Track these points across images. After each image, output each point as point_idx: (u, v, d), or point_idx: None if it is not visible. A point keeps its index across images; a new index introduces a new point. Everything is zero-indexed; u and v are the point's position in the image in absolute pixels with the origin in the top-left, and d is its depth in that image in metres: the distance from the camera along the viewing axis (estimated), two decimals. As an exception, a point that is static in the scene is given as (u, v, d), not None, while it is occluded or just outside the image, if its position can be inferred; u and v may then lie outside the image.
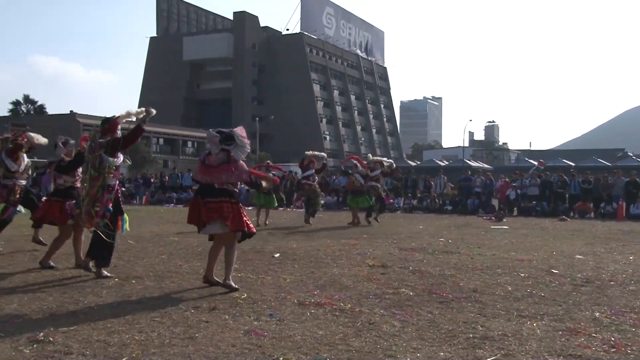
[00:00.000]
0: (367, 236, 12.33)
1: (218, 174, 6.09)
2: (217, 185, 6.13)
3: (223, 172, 6.07)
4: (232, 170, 6.07)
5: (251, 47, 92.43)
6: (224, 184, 6.13)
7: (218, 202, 6.07)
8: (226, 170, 6.06)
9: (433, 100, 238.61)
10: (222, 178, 6.10)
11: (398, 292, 6.13)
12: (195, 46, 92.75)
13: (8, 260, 7.99)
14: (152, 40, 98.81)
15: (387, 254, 9.35)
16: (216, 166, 6.08)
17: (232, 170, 6.07)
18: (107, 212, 6.70)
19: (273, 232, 13.06)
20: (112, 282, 6.51)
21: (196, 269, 7.47)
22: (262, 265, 7.94)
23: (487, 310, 5.40)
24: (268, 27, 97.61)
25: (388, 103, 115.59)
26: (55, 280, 6.63)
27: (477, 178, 24.40)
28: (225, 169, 6.06)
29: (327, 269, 7.66)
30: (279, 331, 4.55)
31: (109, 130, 6.77)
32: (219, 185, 6.13)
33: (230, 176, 6.10)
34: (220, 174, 6.08)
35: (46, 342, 4.16)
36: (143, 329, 4.54)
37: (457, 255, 9.33)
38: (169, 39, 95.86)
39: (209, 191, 6.16)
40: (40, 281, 6.53)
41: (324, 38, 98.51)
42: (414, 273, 7.42)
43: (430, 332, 4.61)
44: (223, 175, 6.09)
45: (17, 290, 5.98)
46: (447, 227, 15.41)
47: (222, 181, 6.11)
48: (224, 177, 6.10)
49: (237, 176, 6.14)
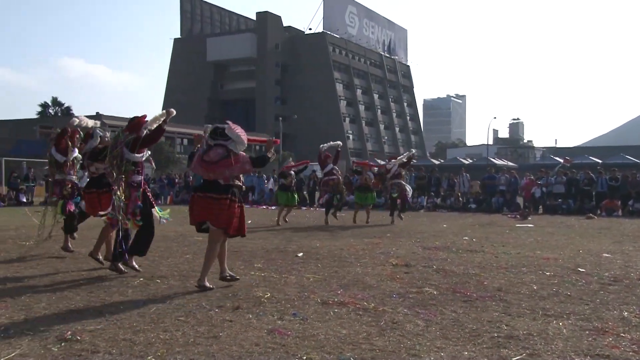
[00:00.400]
0: (390, 235, 12.29)
1: (221, 169, 6.04)
2: (222, 181, 6.11)
3: (226, 167, 6.03)
4: (233, 164, 6.02)
5: (274, 47, 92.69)
6: (229, 179, 6.12)
7: (217, 199, 6.05)
8: (228, 164, 6.01)
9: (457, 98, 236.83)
10: (226, 173, 6.06)
11: (422, 291, 6.10)
12: (219, 47, 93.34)
13: (37, 261, 8.12)
14: (176, 41, 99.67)
15: (410, 252, 9.31)
16: (216, 162, 6.03)
17: (233, 163, 6.02)
18: (137, 209, 6.85)
19: (296, 231, 13.08)
20: (138, 281, 6.58)
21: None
22: (286, 264, 7.95)
23: (512, 309, 5.34)
24: (291, 26, 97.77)
25: (411, 101, 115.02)
26: (82, 280, 6.72)
27: (501, 176, 24.15)
28: (227, 163, 6.01)
29: (351, 268, 7.65)
30: (303, 330, 4.56)
31: (134, 128, 6.89)
32: (224, 181, 6.11)
33: (233, 170, 6.06)
34: (223, 169, 6.04)
35: (74, 340, 4.22)
36: (168, 328, 4.58)
37: (482, 253, 9.25)
38: (193, 40, 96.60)
39: (213, 187, 6.11)
40: (68, 281, 6.62)
41: (346, 37, 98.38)
42: (437, 272, 7.38)
43: (454, 332, 4.57)
44: (226, 170, 6.04)
45: (46, 290, 6.08)
46: (471, 226, 15.29)
47: (227, 176, 6.09)
48: (228, 172, 6.05)
49: (240, 168, 6.10)
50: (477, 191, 24.38)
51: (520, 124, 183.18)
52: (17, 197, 24.62)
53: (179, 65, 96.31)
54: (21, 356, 3.89)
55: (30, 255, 8.62)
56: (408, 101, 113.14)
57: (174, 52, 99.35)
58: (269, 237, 11.51)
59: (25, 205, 23.85)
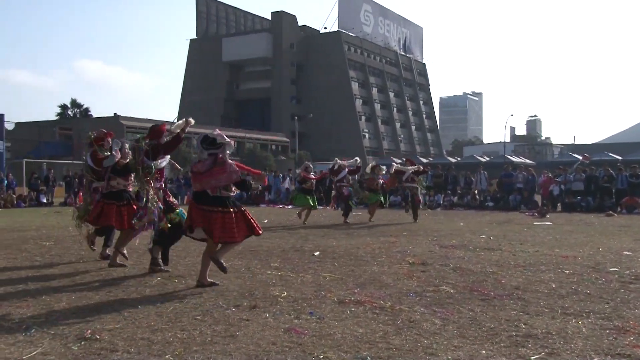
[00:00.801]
0: (407, 234, 12.26)
1: (207, 179, 6.06)
2: (210, 192, 6.11)
3: (212, 177, 6.04)
4: (220, 174, 6.02)
5: (289, 46, 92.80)
6: (217, 191, 6.10)
7: (209, 211, 6.05)
8: (214, 174, 6.02)
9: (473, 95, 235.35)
10: (212, 183, 6.06)
11: (439, 290, 6.07)
12: (234, 47, 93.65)
13: (57, 260, 8.21)
14: (192, 42, 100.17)
15: (427, 251, 9.28)
16: (203, 172, 6.07)
17: (220, 173, 6.02)
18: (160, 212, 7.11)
19: (312, 230, 13.09)
20: (155, 281, 6.63)
21: (237, 267, 7.55)
22: (302, 263, 7.96)
23: (530, 307, 5.30)
24: (306, 26, 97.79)
25: (427, 99, 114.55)
26: (101, 279, 6.78)
27: (518, 174, 23.97)
28: (213, 173, 6.03)
29: (367, 267, 7.64)
30: (319, 329, 4.56)
31: (154, 136, 7.06)
32: (212, 192, 6.10)
33: (219, 180, 6.04)
34: (210, 179, 6.05)
35: (93, 339, 4.26)
36: (185, 327, 4.60)
37: (499, 252, 9.19)
38: (209, 41, 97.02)
39: (203, 198, 6.14)
40: (87, 281, 6.69)
41: (362, 35, 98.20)
42: (454, 270, 7.34)
43: (472, 330, 4.55)
44: (212, 180, 6.04)
45: (66, 289, 6.14)
46: (489, 224, 15.20)
47: (213, 186, 6.08)
48: (214, 182, 6.05)
49: (226, 178, 6.07)
50: (495, 189, 24.23)
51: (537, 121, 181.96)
52: (38, 197, 24.94)
53: (195, 66, 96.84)
54: (42, 355, 3.94)
55: (50, 255, 8.72)
56: (424, 99, 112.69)
57: (189, 53, 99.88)
58: (286, 236, 11.53)
59: (46, 206, 24.15)
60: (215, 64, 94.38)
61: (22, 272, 7.18)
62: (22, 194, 24.87)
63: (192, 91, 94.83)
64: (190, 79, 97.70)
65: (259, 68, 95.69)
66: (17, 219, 16.51)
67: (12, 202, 23.51)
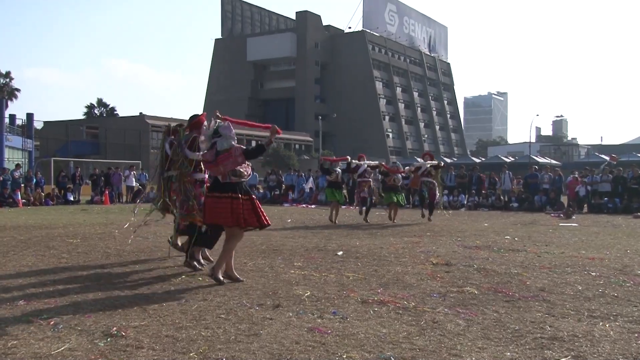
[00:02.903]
0: (430, 234, 12.19)
1: (216, 166, 6.26)
2: (220, 179, 6.30)
3: (220, 164, 6.22)
4: (226, 159, 6.19)
5: (314, 46, 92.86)
6: (227, 176, 6.26)
7: (219, 197, 6.25)
8: (220, 161, 6.20)
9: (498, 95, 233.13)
10: (221, 169, 6.24)
11: (462, 291, 6.04)
12: (259, 46, 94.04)
13: (83, 258, 8.32)
14: (217, 42, 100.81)
15: (451, 251, 9.22)
16: (212, 160, 6.27)
17: (225, 159, 6.19)
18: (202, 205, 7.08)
19: (336, 230, 13.08)
20: (180, 279, 6.68)
21: (260, 266, 7.58)
22: (325, 263, 7.96)
23: (555, 309, 5.24)
24: (330, 25, 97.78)
25: (452, 99, 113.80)
26: (126, 277, 6.86)
27: (544, 174, 23.69)
28: (219, 160, 6.20)
29: (391, 267, 7.62)
30: (342, 329, 4.55)
31: (194, 127, 7.16)
32: (222, 178, 6.29)
33: (227, 165, 6.21)
34: (217, 166, 6.24)
35: (119, 336, 4.31)
36: (209, 325, 4.63)
37: (524, 253, 9.10)
38: (234, 40, 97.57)
39: (214, 185, 6.39)
40: (113, 278, 6.76)
41: (386, 35, 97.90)
42: (478, 271, 7.29)
43: (496, 332, 4.51)
44: (220, 167, 6.23)
45: (93, 286, 6.22)
46: (513, 225, 15.05)
47: (222, 172, 6.25)
48: (222, 168, 6.23)
49: (233, 162, 6.22)
50: (519, 189, 23.98)
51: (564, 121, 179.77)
52: (65, 196, 25.31)
53: (220, 65, 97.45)
54: (70, 350, 3.99)
55: (77, 252, 8.84)
56: (448, 99, 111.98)
57: (215, 52, 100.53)
58: (309, 236, 11.54)
59: (73, 204, 24.51)
60: (240, 63, 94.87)
61: (50, 269, 7.29)
62: (49, 192, 25.26)
63: (216, 90, 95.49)
64: (215, 78, 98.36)
65: (283, 67, 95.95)
66: (45, 216, 16.78)
67: (41, 200, 23.89)
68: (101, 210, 20.21)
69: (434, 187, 15.69)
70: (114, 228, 12.41)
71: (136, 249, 9.13)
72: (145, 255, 8.52)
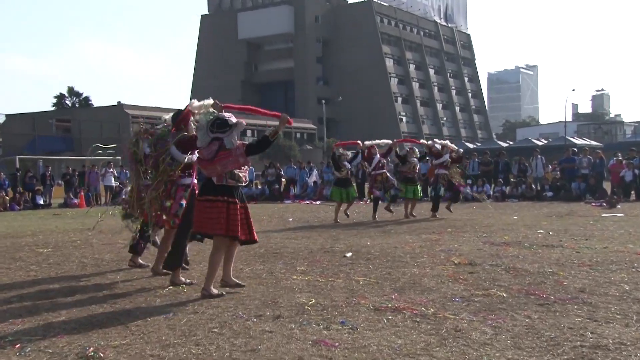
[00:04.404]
0: (451, 230, 12.19)
1: (213, 165, 6.13)
2: (215, 180, 6.19)
3: (217, 162, 6.10)
4: (226, 158, 6.08)
5: (314, 20, 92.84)
6: (223, 178, 6.16)
7: (212, 201, 6.15)
8: (220, 159, 6.08)
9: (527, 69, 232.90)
10: (218, 169, 6.12)
11: (489, 294, 6.04)
12: (252, 23, 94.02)
13: (55, 269, 8.33)
14: (203, 18, 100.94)
15: (475, 249, 9.22)
16: (210, 159, 6.11)
17: (225, 157, 6.07)
18: (179, 211, 7.12)
19: (344, 228, 13.09)
20: (166, 290, 6.69)
21: (258, 272, 7.59)
22: (332, 266, 7.97)
23: (598, 313, 5.23)
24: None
25: (473, 76, 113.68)
26: (106, 289, 6.86)
27: (583, 158, 23.63)
28: (218, 158, 6.07)
29: (406, 268, 7.62)
30: (352, 341, 4.55)
31: (181, 124, 7.03)
32: (217, 180, 6.18)
33: (226, 165, 6.10)
34: (214, 165, 6.12)
35: (96, 357, 4.31)
36: (200, 342, 4.63)
37: (560, 249, 9.09)
38: (222, 16, 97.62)
39: (207, 188, 6.26)
40: (90, 291, 6.77)
41: (396, 5, 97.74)
42: (507, 271, 7.29)
43: (529, 340, 4.50)
44: (218, 166, 6.10)
45: (66, 302, 6.23)
46: (547, 217, 15.04)
47: (219, 172, 6.14)
48: (219, 168, 6.11)
49: (233, 162, 6.11)
50: (554, 176, 23.93)
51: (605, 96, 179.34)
52: (34, 199, 25.29)
53: (207, 45, 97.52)
54: (39, 375, 4.00)
55: (48, 263, 8.86)
56: (469, 75, 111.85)
57: (201, 31, 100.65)
58: (313, 236, 11.56)
59: (43, 208, 24.57)
60: (231, 42, 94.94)
61: (16, 284, 7.31)
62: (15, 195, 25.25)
63: (205, 74, 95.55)
64: (202, 61, 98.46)
65: (280, 46, 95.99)
66: (11, 223, 16.84)
67: (5, 204, 23.82)
68: (76, 214, 20.26)
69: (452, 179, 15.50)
70: (91, 235, 12.44)
71: (116, 258, 9.15)
72: (127, 264, 8.53)
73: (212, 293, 6.24)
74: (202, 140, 6.20)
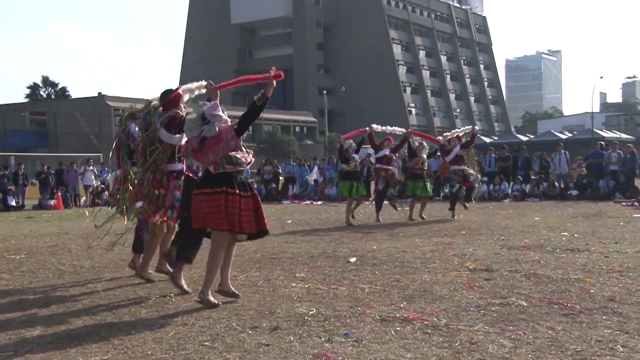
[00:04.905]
0: (466, 232, 12.20)
1: (204, 154, 6.26)
2: (212, 169, 6.28)
3: (208, 151, 6.21)
4: (215, 144, 6.18)
5: (314, 2, 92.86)
6: (219, 166, 6.23)
7: (211, 193, 6.20)
8: (209, 147, 6.19)
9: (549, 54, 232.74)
10: (210, 157, 6.22)
11: (507, 303, 6.05)
12: (246, 5, 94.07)
13: (30, 278, 8.33)
14: (192, 0, 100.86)
15: (492, 254, 9.24)
16: (199, 149, 6.26)
17: (215, 144, 6.18)
18: (176, 201, 7.14)
19: (348, 231, 13.09)
20: (152, 299, 6.69)
21: (254, 279, 7.59)
22: (335, 273, 7.98)
23: (629, 325, 5.23)
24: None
25: (490, 63, 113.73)
26: (86, 299, 6.85)
27: (612, 152, 23.61)
28: (208, 146, 6.20)
29: (416, 275, 7.64)
30: (357, 354, 4.56)
31: (169, 105, 7.11)
32: (214, 169, 6.26)
33: (217, 151, 6.19)
34: (206, 154, 6.24)
35: (74, 374, 4.31)
36: (190, 357, 4.64)
37: (587, 253, 9.11)
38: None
39: (205, 180, 6.39)
40: (68, 301, 6.77)
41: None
42: (528, 278, 7.30)
43: (552, 354, 4.50)
44: (210, 154, 6.21)
45: (41, 313, 6.22)
46: (573, 218, 15.05)
47: (213, 161, 6.23)
48: (212, 156, 6.21)
49: (224, 147, 6.20)
50: (580, 173, 23.93)
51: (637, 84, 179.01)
52: (5, 200, 25.23)
53: (197, 31, 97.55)
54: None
55: (21, 271, 8.85)
56: (485, 62, 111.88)
57: (190, 15, 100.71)
58: (314, 240, 11.56)
59: (15, 210, 24.55)
60: (223, 27, 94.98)
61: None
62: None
63: (195, 63, 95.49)
64: (192, 48, 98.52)
65: (277, 31, 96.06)
66: (-17, 227, 16.82)
67: (-27, 207, 23.82)
68: (53, 216, 20.27)
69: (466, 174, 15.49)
70: (70, 239, 12.44)
71: (98, 264, 9.14)
72: (109, 271, 8.53)
73: (210, 300, 6.22)
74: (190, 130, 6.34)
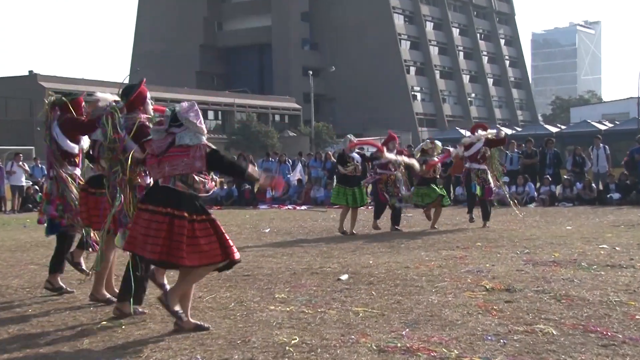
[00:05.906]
0: (482, 244, 12.22)
1: (159, 163, 6.21)
2: (160, 181, 6.27)
3: (165, 161, 6.16)
4: (178, 157, 6.14)
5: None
6: (170, 181, 6.19)
7: (154, 212, 6.16)
8: (170, 157, 6.15)
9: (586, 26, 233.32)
10: (165, 170, 6.17)
11: (533, 330, 6.06)
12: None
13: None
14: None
15: (514, 270, 9.27)
16: (159, 154, 6.20)
17: (178, 156, 6.14)
18: None
19: (338, 242, 13.08)
20: (99, 326, 6.66)
21: (224, 301, 7.58)
22: (322, 293, 7.99)
23: (681, 357, 5.26)
24: None
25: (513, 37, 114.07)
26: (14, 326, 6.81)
27: (662, 147, 23.74)
28: (169, 155, 6.15)
29: (422, 296, 7.66)
30: (348, 394, 4.56)
31: (135, 104, 7.11)
32: (162, 181, 6.24)
33: (175, 166, 6.14)
34: (162, 163, 6.19)
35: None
36: (143, 396, 4.62)
37: (631, 270, 9.14)
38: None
39: (151, 193, 6.39)
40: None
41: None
42: (558, 300, 7.32)
43: (587, 392, 4.52)
44: (165, 166, 6.16)
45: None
46: (613, 227, 15.10)
47: (166, 174, 6.19)
48: (167, 169, 6.15)
49: (186, 165, 6.15)
50: (623, 172, 24.02)
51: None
52: None
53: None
54: None
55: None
56: (507, 37, 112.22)
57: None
58: (297, 252, 11.56)
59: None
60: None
61: None
62: None
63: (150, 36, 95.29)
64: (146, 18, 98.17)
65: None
66: None
67: None
68: None
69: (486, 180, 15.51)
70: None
71: (28, 284, 9.10)
72: (44, 292, 8.48)
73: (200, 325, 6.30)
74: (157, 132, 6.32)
